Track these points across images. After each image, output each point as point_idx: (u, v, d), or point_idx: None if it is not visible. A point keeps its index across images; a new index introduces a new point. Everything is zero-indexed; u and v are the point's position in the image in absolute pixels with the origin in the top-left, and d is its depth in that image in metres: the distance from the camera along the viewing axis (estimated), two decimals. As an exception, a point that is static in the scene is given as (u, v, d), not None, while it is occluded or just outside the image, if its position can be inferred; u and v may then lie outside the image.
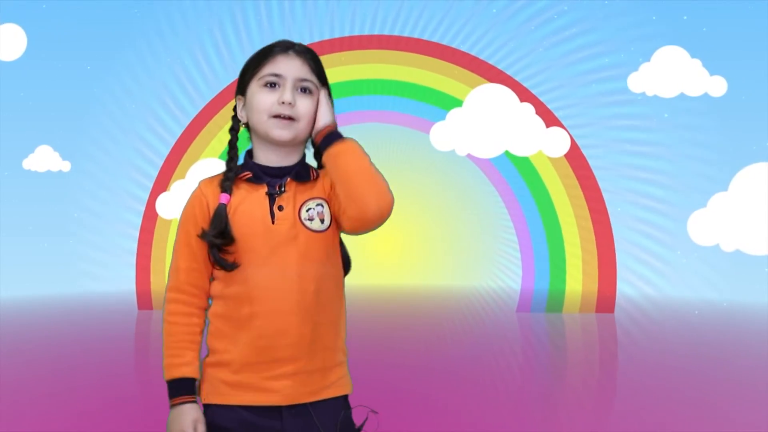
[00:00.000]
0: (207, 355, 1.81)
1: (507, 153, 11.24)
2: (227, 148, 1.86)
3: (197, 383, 1.80)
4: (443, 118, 11.38)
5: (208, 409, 1.79)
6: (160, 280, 11.92)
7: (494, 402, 5.29)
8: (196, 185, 1.87)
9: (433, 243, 17.67)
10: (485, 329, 9.92)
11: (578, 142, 11.43)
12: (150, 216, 11.94)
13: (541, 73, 12.08)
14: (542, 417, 4.92)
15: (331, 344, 1.80)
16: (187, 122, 12.12)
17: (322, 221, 1.79)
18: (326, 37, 12.07)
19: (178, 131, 12.13)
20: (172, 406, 1.75)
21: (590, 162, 11.43)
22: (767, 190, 9.88)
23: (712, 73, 11.16)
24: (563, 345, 8.88)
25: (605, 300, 11.24)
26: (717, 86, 11.14)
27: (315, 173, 1.84)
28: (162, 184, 11.89)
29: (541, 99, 11.59)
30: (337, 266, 1.84)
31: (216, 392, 1.77)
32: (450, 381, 5.99)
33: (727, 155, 11.61)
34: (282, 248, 1.75)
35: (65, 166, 13.33)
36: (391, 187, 1.76)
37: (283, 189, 1.78)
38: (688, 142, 12.13)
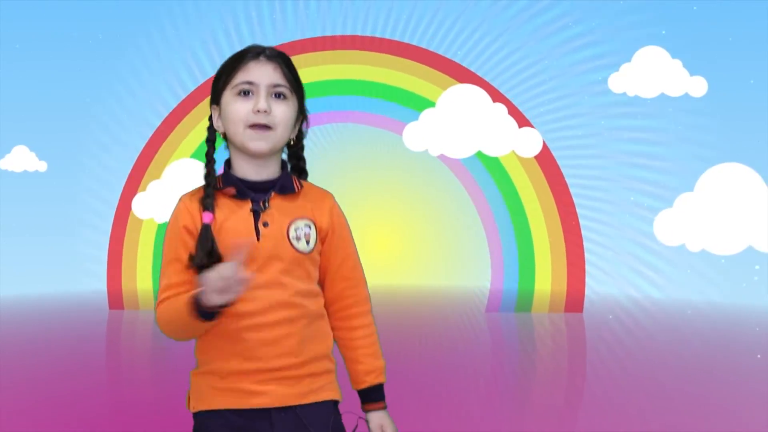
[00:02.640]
0: (195, 367, 1.82)
1: (479, 153, 11.31)
2: (204, 161, 1.82)
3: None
4: (416, 119, 11.45)
5: (197, 417, 1.79)
6: (131, 279, 11.88)
7: (462, 403, 5.34)
8: (178, 200, 1.83)
9: (403, 242, 17.73)
10: (454, 329, 9.97)
11: (550, 142, 11.52)
12: (121, 215, 11.90)
13: (516, 76, 12.12)
14: (511, 417, 4.98)
15: (318, 354, 1.80)
16: (159, 122, 12.09)
17: (308, 242, 1.79)
18: (298, 37, 12.09)
19: (152, 131, 12.10)
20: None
21: (560, 163, 11.53)
22: (733, 190, 10.01)
23: (692, 74, 11.28)
24: (532, 345, 8.95)
25: (574, 300, 11.34)
26: (697, 86, 11.25)
27: (299, 184, 1.83)
28: (134, 184, 11.85)
29: (515, 99, 11.65)
30: (317, 286, 1.85)
31: (204, 398, 1.78)
32: (417, 382, 6.03)
33: (696, 155, 11.72)
34: (267, 265, 1.74)
35: (41, 166, 13.26)
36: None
37: (267, 205, 1.77)
38: (659, 142, 12.23)
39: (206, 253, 1.70)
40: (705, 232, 10.14)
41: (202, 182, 1.81)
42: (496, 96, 11.42)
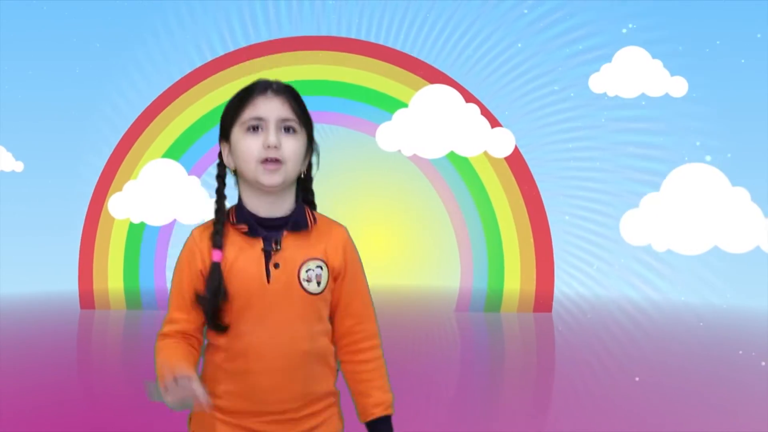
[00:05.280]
0: None
1: (452, 153, 11.36)
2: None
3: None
4: (389, 119, 11.49)
5: None
6: (102, 279, 11.83)
7: (430, 403, 5.38)
8: (189, 235, 1.83)
9: (374, 242, 17.74)
10: (424, 328, 10.01)
11: (524, 143, 11.61)
12: (93, 215, 11.85)
13: (497, 79, 12.15)
14: (479, 417, 5.02)
15: (321, 392, 1.82)
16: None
17: (319, 284, 1.79)
18: (270, 37, 12.09)
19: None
20: None
21: (529, 162, 11.61)
22: (698, 190, 10.12)
23: (672, 74, 11.34)
24: (500, 344, 9.02)
25: (543, 299, 11.43)
26: (678, 87, 11.32)
27: (312, 218, 1.83)
28: (105, 184, 11.81)
29: (488, 99, 11.71)
30: (327, 321, 1.86)
31: (205, 426, 1.79)
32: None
33: (666, 155, 11.81)
34: (277, 308, 1.75)
35: (18, 166, 13.15)
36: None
37: (278, 247, 1.76)
38: (629, 142, 12.27)
39: (213, 293, 1.72)
40: (671, 232, 10.24)
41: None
42: (469, 96, 11.49)
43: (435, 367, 6.80)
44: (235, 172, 1.81)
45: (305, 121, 1.81)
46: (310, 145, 1.84)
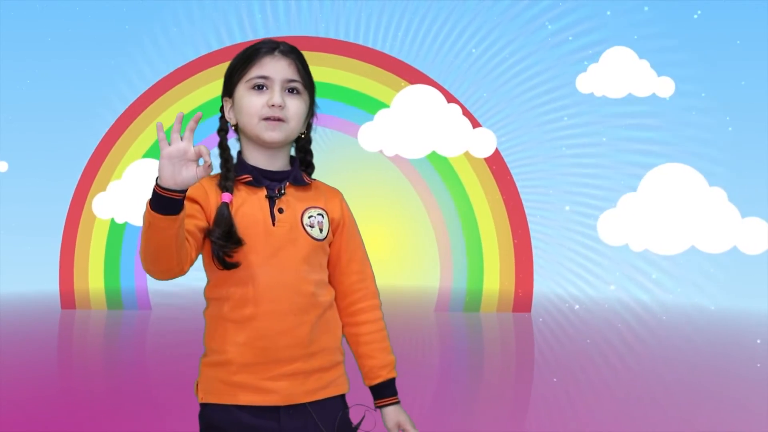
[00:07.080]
0: (204, 355, 1.82)
1: (433, 154, 11.39)
2: (218, 150, 1.82)
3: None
4: (370, 120, 11.52)
5: (205, 409, 1.79)
6: (83, 279, 11.80)
7: (410, 403, 5.40)
8: None
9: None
10: (403, 328, 10.02)
11: (505, 143, 11.66)
12: (74, 215, 11.81)
13: (478, 83, 12.19)
14: (458, 417, 5.05)
15: (328, 345, 1.82)
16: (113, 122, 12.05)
17: (321, 230, 1.83)
18: (247, 39, 12.08)
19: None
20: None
21: (508, 161, 11.66)
22: (676, 190, 10.19)
23: (659, 74, 11.40)
24: (480, 344, 9.04)
25: (522, 299, 11.48)
26: (665, 87, 11.38)
27: (309, 179, 1.88)
28: (86, 184, 11.78)
29: (470, 99, 11.75)
30: (327, 275, 1.88)
31: (213, 392, 1.78)
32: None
33: (650, 155, 11.86)
34: (282, 250, 1.76)
35: (2, 166, 13.07)
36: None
37: (283, 192, 1.80)
38: (615, 142, 12.31)
39: (224, 233, 1.71)
40: (648, 232, 10.30)
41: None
42: (450, 97, 11.53)
43: (414, 367, 6.81)
44: (236, 129, 1.85)
45: (309, 83, 1.84)
46: (311, 108, 1.88)
